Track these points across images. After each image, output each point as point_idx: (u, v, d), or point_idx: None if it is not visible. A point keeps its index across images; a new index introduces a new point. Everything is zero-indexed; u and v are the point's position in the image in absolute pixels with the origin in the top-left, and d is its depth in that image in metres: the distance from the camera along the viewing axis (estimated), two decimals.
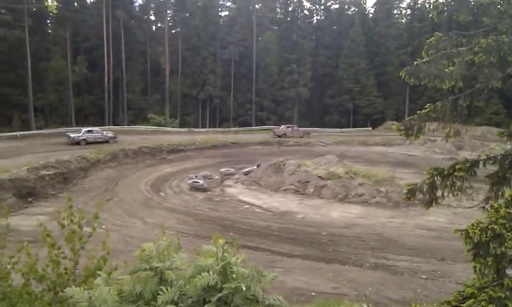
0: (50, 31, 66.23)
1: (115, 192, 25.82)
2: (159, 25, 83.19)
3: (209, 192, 26.66)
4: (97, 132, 42.12)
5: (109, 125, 58.99)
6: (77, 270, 5.65)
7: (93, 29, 64.11)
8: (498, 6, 5.59)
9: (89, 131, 41.27)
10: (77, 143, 38.47)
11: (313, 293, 12.11)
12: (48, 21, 66.16)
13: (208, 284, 2.93)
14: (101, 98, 62.57)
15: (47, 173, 25.91)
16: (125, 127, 56.30)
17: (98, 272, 4.76)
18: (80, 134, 40.37)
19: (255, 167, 32.26)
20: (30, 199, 22.92)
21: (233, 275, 3.04)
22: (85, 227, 5.72)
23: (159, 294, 3.03)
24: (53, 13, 64.59)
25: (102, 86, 61.84)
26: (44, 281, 5.43)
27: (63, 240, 5.64)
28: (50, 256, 5.49)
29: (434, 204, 6.29)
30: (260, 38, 77.06)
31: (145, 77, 71.57)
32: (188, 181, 28.07)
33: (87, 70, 62.34)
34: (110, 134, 42.39)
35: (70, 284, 5.11)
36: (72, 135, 40.12)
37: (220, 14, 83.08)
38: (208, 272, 3.00)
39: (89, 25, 64.45)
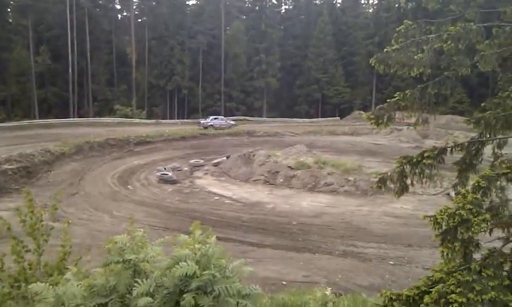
0: (11, 20, 63.78)
1: (81, 185, 25.20)
2: (124, 13, 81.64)
3: (178, 184, 26.38)
4: (222, 119, 53.57)
5: (73, 116, 57.57)
6: (40, 266, 5.47)
7: (56, 18, 62.14)
8: None
9: (215, 118, 52.51)
10: (205, 128, 48.34)
11: (284, 282, 12.15)
12: (9, 9, 63.72)
13: (186, 273, 2.84)
14: (65, 89, 60.93)
15: (10, 167, 25.02)
16: (91, 119, 55.07)
17: (68, 267, 4.62)
18: (209, 121, 51.09)
19: (225, 158, 32.13)
20: None
21: (212, 264, 2.97)
22: (50, 222, 5.54)
23: (134, 287, 2.93)
24: (14, 1, 62.20)
25: (66, 77, 60.19)
26: (5, 277, 5.25)
27: (24, 236, 5.45)
28: (14, 250, 5.31)
29: (404, 192, 6.34)
30: (228, 28, 76.61)
31: (111, 68, 70.10)
32: (157, 173, 27.68)
33: (50, 60, 60.44)
34: (232, 122, 52.91)
35: (34, 279, 4.93)
36: (202, 121, 50.89)
37: (188, 2, 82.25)
38: (185, 261, 2.92)
39: (52, 14, 62.42)
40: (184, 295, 2.83)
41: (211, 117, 54.53)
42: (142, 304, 2.82)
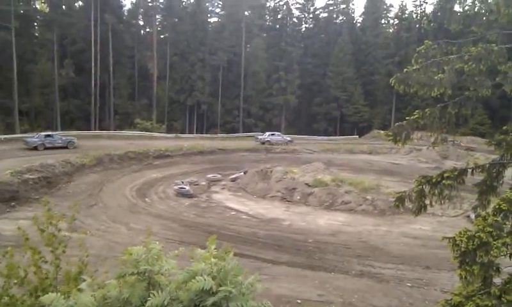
0: (37, 34, 65.55)
1: (100, 197, 25.49)
2: (147, 29, 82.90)
3: (195, 198, 26.47)
4: (278, 135, 55.25)
5: (94, 129, 58.49)
6: (59, 275, 5.53)
7: (80, 33, 63.55)
8: (487, 14, 5.64)
9: (272, 134, 54.38)
10: (262, 143, 50.92)
11: (299, 301, 12.04)
12: (36, 23, 65.53)
13: (203, 288, 2.84)
14: (87, 102, 61.99)
15: (31, 177, 25.49)
16: (111, 132, 55.88)
17: (82, 276, 4.66)
18: (266, 136, 53.38)
19: (242, 173, 32.17)
20: (13, 204, 22.47)
21: (229, 281, 2.96)
22: (68, 232, 5.61)
23: (149, 298, 2.94)
24: (40, 16, 63.97)
25: (88, 90, 61.28)
26: (26, 285, 5.31)
27: (43, 245, 5.53)
28: (32, 260, 5.38)
29: (422, 212, 6.28)
30: (248, 45, 77.25)
31: (132, 82, 71.17)
32: (174, 187, 27.85)
33: (74, 73, 61.66)
34: (288, 138, 55.15)
35: (52, 289, 4.99)
36: (259, 137, 53.46)
37: (209, 20, 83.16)
38: (202, 276, 2.92)
39: (77, 29, 63.86)
40: None
41: (268, 133, 56.25)
42: None
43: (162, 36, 79.20)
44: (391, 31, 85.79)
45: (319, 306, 11.35)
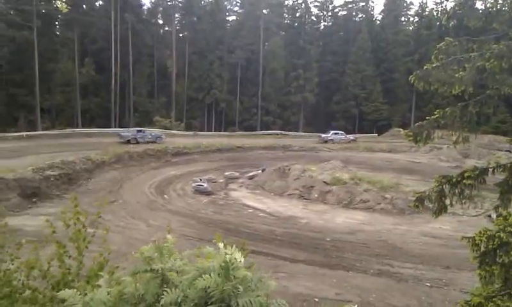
0: (58, 33, 66.64)
1: (119, 194, 25.83)
2: (166, 28, 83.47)
3: (213, 196, 26.62)
4: (342, 134, 57.08)
5: (115, 127, 59.18)
6: (81, 271, 5.64)
7: (101, 32, 64.39)
8: (509, 11, 5.53)
9: (335, 133, 56.57)
10: (325, 142, 53.30)
11: (316, 299, 12.02)
12: (57, 23, 66.64)
13: (209, 286, 2.88)
14: (108, 100, 62.76)
15: (52, 173, 25.94)
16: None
17: (100, 273, 4.74)
18: (329, 135, 55.65)
19: (260, 171, 32.22)
20: (34, 200, 22.92)
21: (234, 276, 2.98)
22: (89, 228, 5.71)
23: (163, 295, 2.98)
24: (61, 15, 65.01)
25: (108, 88, 62.04)
26: (48, 278, 5.43)
27: (66, 240, 5.64)
28: (57, 253, 5.49)
29: (443, 212, 6.21)
30: (267, 43, 77.13)
31: (152, 80, 71.78)
32: (192, 184, 28.05)
33: (94, 72, 62.53)
34: (351, 137, 57.28)
35: (74, 284, 5.09)
36: (322, 136, 55.94)
37: (227, 18, 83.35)
38: (209, 274, 2.95)
39: (97, 28, 64.71)
40: None
41: (331, 132, 57.81)
42: None
43: (181, 35, 79.69)
44: (411, 28, 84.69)
45: (336, 304, 11.31)
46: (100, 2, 70.50)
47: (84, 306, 3.08)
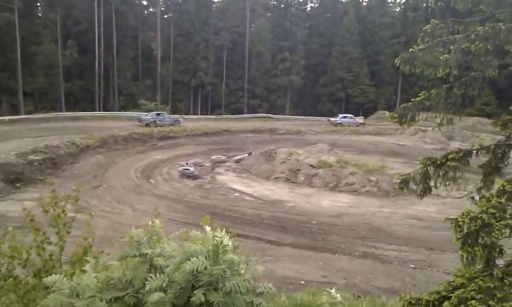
0: (40, 14, 65.24)
1: (104, 178, 25.60)
2: (151, 9, 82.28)
3: (200, 180, 26.55)
4: (351, 117, 57.35)
5: (99, 110, 58.53)
6: (64, 257, 5.56)
7: (84, 13, 63.19)
8: None
9: (344, 116, 56.86)
10: (335, 125, 53.79)
11: (302, 282, 12.11)
12: (39, 4, 65.20)
13: (197, 269, 2.84)
14: (91, 83, 61.95)
15: (36, 158, 25.58)
16: (116, 113, 55.88)
17: (86, 257, 4.67)
18: (338, 119, 55.98)
19: (246, 155, 32.18)
20: (18, 185, 22.60)
21: (223, 260, 2.95)
22: (73, 213, 5.62)
23: (147, 281, 2.94)
24: None
25: (92, 71, 61.20)
26: (29, 266, 5.34)
27: (46, 226, 5.55)
28: (35, 241, 5.40)
29: (427, 194, 6.24)
30: (253, 25, 76.57)
31: (136, 63, 70.94)
32: (179, 168, 27.91)
33: (77, 54, 61.52)
34: (360, 121, 57.65)
35: (56, 270, 5.01)
36: (331, 119, 56.05)
37: (213, 0, 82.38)
38: (197, 257, 2.92)
39: (80, 9, 63.47)
40: (195, 291, 2.82)
41: (340, 115, 58.21)
42: (155, 299, 2.83)
43: (165, 16, 78.61)
44: (397, 10, 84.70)
45: (322, 287, 11.42)
46: None
47: (71, 290, 3.03)
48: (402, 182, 6.40)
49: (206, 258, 2.92)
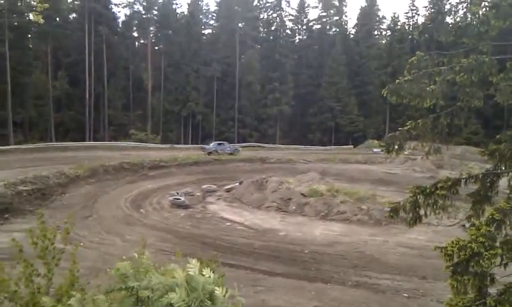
0: (31, 45, 65.52)
1: (94, 208, 25.33)
2: (141, 41, 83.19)
3: (190, 209, 26.37)
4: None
5: (89, 140, 58.36)
6: (52, 288, 5.49)
7: (75, 44, 63.76)
8: (478, 26, 5.71)
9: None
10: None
11: None
12: (30, 35, 65.53)
13: (172, 302, 2.85)
14: (82, 113, 61.96)
15: (25, 188, 25.28)
16: (106, 143, 55.75)
17: (71, 291, 4.62)
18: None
19: (237, 184, 32.12)
20: (6, 216, 22.23)
21: (202, 292, 2.95)
22: (62, 244, 5.58)
23: None
24: (34, 28, 64.05)
25: (83, 102, 61.31)
26: (17, 300, 5.25)
27: (36, 259, 5.49)
28: (24, 273, 5.33)
29: (418, 222, 6.30)
30: (243, 56, 77.63)
31: (127, 93, 71.22)
32: (169, 198, 27.74)
33: (68, 85, 61.75)
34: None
35: (43, 304, 4.93)
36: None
37: (203, 31, 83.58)
38: (175, 290, 2.93)
39: (71, 40, 64.04)
40: None
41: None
42: None
43: (156, 48, 79.51)
44: (384, 42, 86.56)
45: None
46: (74, 15, 69.72)
47: None
48: (392, 211, 6.46)
49: (183, 291, 2.92)
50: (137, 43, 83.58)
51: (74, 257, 5.58)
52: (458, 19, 6.37)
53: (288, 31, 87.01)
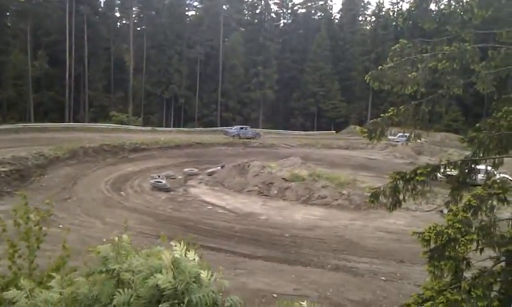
0: (9, 24, 63.71)
1: (74, 190, 25.06)
2: (123, 21, 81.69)
3: (172, 192, 26.30)
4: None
5: (69, 121, 57.45)
6: (34, 271, 5.45)
7: (55, 24, 62.23)
8: (461, 14, 5.75)
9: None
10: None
11: (275, 295, 12.10)
12: (8, 13, 63.71)
13: (160, 284, 2.85)
14: (62, 94, 60.83)
15: (2, 169, 24.84)
16: (86, 124, 54.94)
17: (53, 273, 4.58)
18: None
19: (219, 167, 32.10)
20: None
21: (187, 274, 2.96)
22: (42, 226, 5.53)
23: (115, 296, 2.93)
24: (13, 6, 62.29)
25: (63, 82, 60.15)
26: None
27: (17, 239, 5.43)
28: (8, 254, 5.29)
29: (397, 207, 6.39)
30: (226, 39, 76.96)
31: (108, 74, 70.08)
32: (150, 180, 27.60)
33: (48, 65, 60.36)
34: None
35: (26, 284, 4.89)
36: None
37: (187, 13, 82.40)
38: (160, 272, 2.92)
39: (51, 19, 62.48)
40: (160, 305, 2.83)
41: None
42: None
43: (138, 29, 78.20)
44: (368, 28, 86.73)
45: (294, 299, 11.44)
46: None
47: (31, 306, 2.98)
48: (372, 196, 6.54)
49: (169, 272, 2.92)
50: (119, 24, 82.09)
51: (65, 242, 5.55)
52: (442, 6, 6.40)
53: (273, 14, 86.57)
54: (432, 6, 6.52)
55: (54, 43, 61.45)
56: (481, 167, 6.39)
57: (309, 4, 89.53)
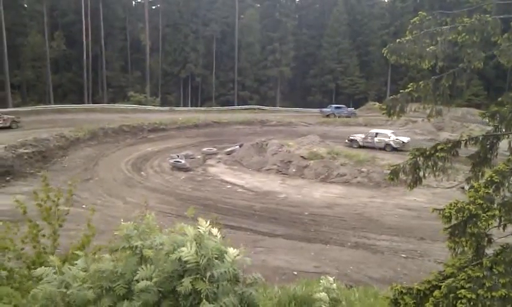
0: (26, 6, 64.15)
1: (95, 171, 25.49)
2: (139, 0, 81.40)
3: (191, 172, 26.53)
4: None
5: (88, 102, 58.03)
6: (58, 250, 5.60)
7: (70, 4, 62.39)
8: None
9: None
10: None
11: (295, 273, 12.22)
12: None
13: (182, 258, 2.90)
14: (80, 75, 61.33)
15: (25, 151, 25.39)
16: (105, 105, 55.42)
17: (78, 252, 4.70)
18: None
19: (237, 146, 32.16)
20: (8, 178, 22.44)
21: (210, 250, 3.00)
22: (65, 206, 5.66)
23: (137, 272, 3.01)
24: None
25: (80, 63, 60.57)
26: (23, 258, 5.37)
27: (40, 219, 5.56)
28: (30, 233, 5.43)
29: (417, 184, 6.31)
30: (242, 16, 76.10)
31: (125, 54, 70.28)
32: (170, 160, 27.86)
33: (65, 46, 60.77)
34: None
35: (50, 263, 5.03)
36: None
37: None
38: (183, 246, 2.98)
39: (67, 0, 62.64)
40: (182, 280, 2.89)
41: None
42: (141, 286, 2.93)
43: (153, 7, 77.79)
44: (386, 0, 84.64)
45: (315, 277, 11.52)
46: None
47: (60, 281, 3.08)
48: (392, 173, 6.47)
49: (193, 247, 2.97)
50: (134, 2, 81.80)
51: (89, 221, 5.69)
52: None
53: None
54: None
55: (71, 24, 61.73)
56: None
57: None
